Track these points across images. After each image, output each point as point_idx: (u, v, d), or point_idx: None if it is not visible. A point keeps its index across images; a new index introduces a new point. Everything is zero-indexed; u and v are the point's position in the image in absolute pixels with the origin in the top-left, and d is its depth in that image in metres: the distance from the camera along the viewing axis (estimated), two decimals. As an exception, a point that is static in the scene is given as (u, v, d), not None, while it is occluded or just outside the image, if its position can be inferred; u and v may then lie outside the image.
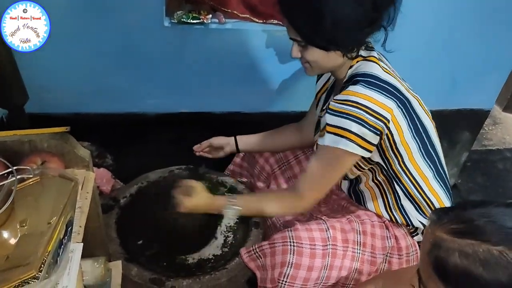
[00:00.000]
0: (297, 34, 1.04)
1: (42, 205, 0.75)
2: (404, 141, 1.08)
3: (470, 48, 1.62)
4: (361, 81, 1.03)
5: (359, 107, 1.00)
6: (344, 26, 0.99)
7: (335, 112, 1.03)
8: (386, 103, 1.02)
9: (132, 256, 1.26)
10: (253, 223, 1.40)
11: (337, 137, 1.03)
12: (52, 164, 0.87)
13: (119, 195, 1.44)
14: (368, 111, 1.00)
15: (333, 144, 1.03)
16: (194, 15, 1.39)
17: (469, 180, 2.12)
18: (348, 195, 1.27)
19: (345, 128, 1.01)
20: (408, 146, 1.09)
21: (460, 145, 1.92)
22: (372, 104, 1.00)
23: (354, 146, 1.02)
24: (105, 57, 1.42)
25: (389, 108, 1.02)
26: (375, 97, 1.01)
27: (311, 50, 1.05)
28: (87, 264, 0.99)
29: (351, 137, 1.01)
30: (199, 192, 1.20)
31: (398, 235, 1.18)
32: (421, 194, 1.15)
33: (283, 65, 1.54)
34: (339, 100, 1.03)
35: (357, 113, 1.00)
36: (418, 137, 1.11)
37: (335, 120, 1.02)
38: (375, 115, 1.00)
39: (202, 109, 1.60)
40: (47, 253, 0.67)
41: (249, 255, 1.18)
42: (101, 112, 1.54)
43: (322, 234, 1.11)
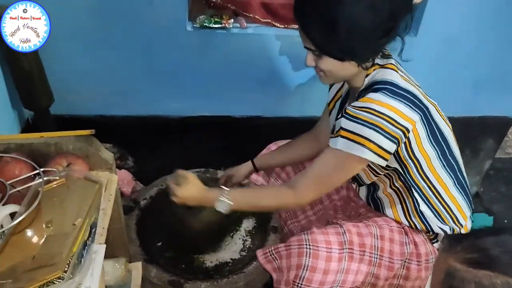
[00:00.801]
0: (311, 43, 1.02)
1: (67, 207, 0.77)
2: (422, 149, 1.06)
3: (494, 54, 1.59)
4: (382, 89, 1.01)
5: (380, 116, 0.98)
6: (360, 36, 0.97)
7: (352, 117, 1.01)
8: (410, 115, 1.00)
9: (152, 258, 1.27)
10: (271, 228, 1.40)
11: (352, 143, 1.01)
12: (77, 166, 0.89)
13: (140, 197, 1.46)
14: (390, 120, 0.98)
15: (346, 149, 1.02)
16: (216, 19, 1.40)
17: (492, 188, 2.07)
18: (366, 202, 1.26)
19: (362, 135, 0.99)
20: (426, 153, 1.08)
21: (483, 153, 1.88)
22: (395, 115, 0.98)
23: (370, 153, 1.00)
24: (129, 60, 1.44)
25: (413, 120, 1.01)
26: (398, 108, 0.99)
27: (325, 60, 1.03)
28: (108, 264, 1.01)
29: (368, 145, 1.00)
30: (192, 182, 1.15)
31: (418, 241, 1.16)
32: (440, 201, 1.14)
33: (303, 69, 1.54)
34: (358, 107, 1.01)
35: (377, 121, 0.98)
36: (436, 145, 1.09)
37: (352, 126, 1.01)
38: (396, 125, 0.99)
39: (223, 112, 1.61)
40: (72, 254, 0.68)
41: (265, 257, 1.18)
42: (124, 115, 1.56)
43: (338, 237, 1.10)
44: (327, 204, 1.37)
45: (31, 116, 1.48)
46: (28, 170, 0.84)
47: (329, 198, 1.37)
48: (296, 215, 1.41)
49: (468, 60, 1.59)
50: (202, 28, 1.40)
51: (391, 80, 1.03)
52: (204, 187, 1.16)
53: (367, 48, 1.01)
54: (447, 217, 1.15)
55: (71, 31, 1.34)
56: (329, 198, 1.37)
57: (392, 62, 1.09)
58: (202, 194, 1.15)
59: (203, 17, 1.40)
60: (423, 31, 1.47)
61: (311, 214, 1.39)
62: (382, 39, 1.01)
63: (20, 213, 0.71)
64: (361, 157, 1.01)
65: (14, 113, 1.40)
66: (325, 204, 1.37)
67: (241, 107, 1.61)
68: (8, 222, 0.72)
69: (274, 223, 1.42)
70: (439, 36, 1.50)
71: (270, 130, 1.55)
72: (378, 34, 0.99)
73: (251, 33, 1.44)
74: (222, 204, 1.12)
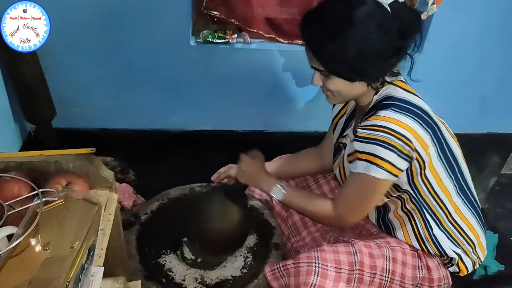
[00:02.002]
0: (319, 63, 1.00)
1: (65, 229, 0.76)
2: (432, 168, 1.05)
3: (499, 71, 1.59)
4: (392, 105, 1.00)
5: (389, 132, 0.96)
6: (370, 55, 0.96)
7: (364, 139, 1.00)
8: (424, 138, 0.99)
9: (152, 274, 1.26)
10: (273, 244, 1.38)
11: (368, 163, 1.00)
12: (77, 186, 0.88)
13: (140, 211, 1.45)
14: (398, 136, 0.96)
15: (365, 171, 1.01)
16: (219, 34, 1.40)
17: (497, 205, 2.05)
18: (377, 225, 1.23)
19: (375, 154, 0.98)
20: (436, 172, 1.06)
21: (489, 169, 1.87)
22: (410, 135, 0.97)
23: (384, 172, 0.99)
24: (131, 74, 1.44)
25: (426, 144, 0.99)
26: (413, 127, 0.97)
27: (334, 80, 1.01)
28: (107, 284, 0.99)
29: (382, 164, 0.98)
30: (258, 162, 1.25)
31: (431, 266, 1.13)
32: (452, 222, 1.11)
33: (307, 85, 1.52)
34: (368, 126, 1.00)
35: (388, 139, 0.96)
36: (447, 162, 1.07)
37: (366, 147, 0.99)
38: (404, 140, 0.97)
39: (225, 127, 1.61)
40: (69, 279, 0.67)
41: (272, 273, 1.15)
42: (126, 128, 1.56)
43: (349, 257, 1.08)
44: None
45: (33, 129, 1.48)
46: (27, 189, 0.83)
47: None
48: (299, 231, 1.40)
49: (473, 77, 1.58)
50: (205, 43, 1.40)
51: (401, 96, 1.02)
52: (267, 172, 1.25)
53: (377, 67, 1.00)
54: (459, 238, 1.13)
55: (74, 45, 1.35)
56: None
57: (401, 78, 1.08)
58: (263, 175, 1.24)
59: (207, 32, 1.40)
60: (428, 48, 1.47)
61: (314, 230, 1.37)
62: (392, 58, 1.00)
63: (17, 235, 0.70)
64: (375, 177, 1.00)
65: (17, 126, 1.40)
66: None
67: (243, 121, 1.61)
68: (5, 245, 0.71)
69: (276, 240, 1.40)
70: (444, 53, 1.50)
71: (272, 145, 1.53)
72: (388, 54, 0.98)
73: (254, 48, 1.44)
74: (277, 191, 1.18)
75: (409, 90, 1.05)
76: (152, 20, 1.33)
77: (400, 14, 0.96)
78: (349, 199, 1.10)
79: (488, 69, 1.57)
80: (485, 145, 1.78)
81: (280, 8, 1.45)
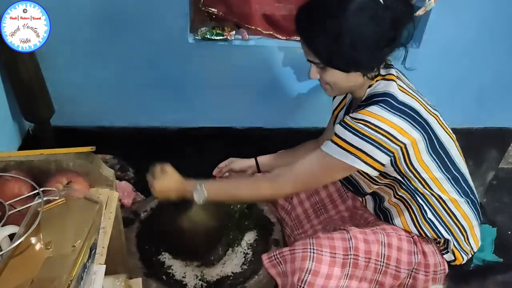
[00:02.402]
0: (315, 57, 1.02)
1: (67, 227, 0.76)
2: (421, 161, 1.06)
3: (497, 65, 1.58)
4: (380, 101, 1.02)
5: (378, 130, 0.98)
6: (364, 46, 0.98)
7: (349, 127, 1.01)
8: (411, 133, 1.00)
9: (152, 271, 1.26)
10: (273, 240, 1.39)
11: (345, 151, 1.01)
12: (77, 184, 0.88)
13: (140, 209, 1.45)
14: (388, 136, 0.99)
15: (338, 156, 1.02)
16: (218, 31, 1.40)
17: (495, 199, 2.06)
18: (374, 214, 1.25)
19: (358, 147, 1.00)
20: (426, 165, 1.07)
21: (486, 164, 1.87)
22: (395, 131, 0.99)
23: (361, 163, 1.01)
24: (129, 72, 1.44)
25: (412, 137, 1.01)
26: (399, 125, 0.99)
27: (330, 72, 1.04)
28: (108, 282, 0.99)
29: (362, 157, 1.00)
30: (169, 174, 1.17)
31: (427, 252, 1.15)
32: (445, 208, 1.13)
33: (305, 81, 1.53)
34: (356, 119, 1.01)
35: (375, 136, 0.98)
36: (437, 157, 1.09)
37: (347, 135, 1.01)
38: (394, 141, 0.99)
39: (224, 124, 1.61)
40: (72, 278, 0.67)
41: (269, 261, 1.17)
42: (124, 126, 1.55)
43: (344, 243, 1.09)
44: (334, 215, 1.36)
45: (31, 127, 1.47)
46: (27, 188, 0.83)
47: (335, 209, 1.37)
48: (301, 224, 1.40)
49: (471, 71, 1.58)
50: (203, 40, 1.39)
51: (390, 92, 1.04)
52: (181, 179, 1.18)
53: (371, 58, 1.02)
54: (452, 225, 1.14)
55: (72, 43, 1.34)
56: (335, 209, 1.37)
57: (393, 72, 1.09)
58: (179, 185, 1.17)
59: (205, 29, 1.39)
60: (426, 42, 1.47)
61: (316, 223, 1.38)
62: (385, 49, 1.02)
63: (19, 235, 0.70)
64: (351, 165, 1.02)
65: (15, 125, 1.40)
66: (331, 214, 1.36)
67: (242, 118, 1.60)
68: (7, 244, 0.71)
69: (275, 236, 1.41)
70: (442, 47, 1.50)
71: (272, 141, 1.54)
72: (381, 44, 1.00)
73: (253, 45, 1.43)
74: (198, 194, 1.14)
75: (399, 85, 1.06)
76: (150, 17, 1.33)
77: (392, 5, 0.97)
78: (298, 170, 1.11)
79: (486, 63, 1.57)
80: (482, 139, 1.79)
81: (278, 5, 1.45)
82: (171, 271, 1.33)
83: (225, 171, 1.41)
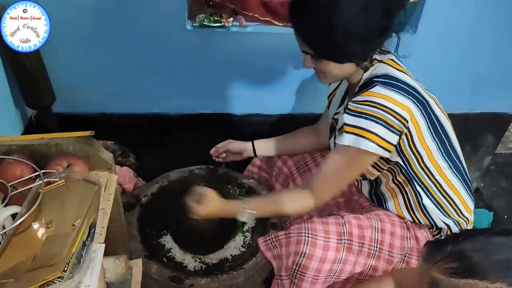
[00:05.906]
0: (309, 48, 1.04)
1: (67, 208, 0.79)
2: (423, 141, 1.08)
3: (493, 51, 1.59)
4: (379, 82, 1.03)
5: (379, 107, 1.00)
6: (357, 38, 0.99)
7: (354, 112, 1.03)
8: (403, 102, 1.01)
9: (153, 254, 1.29)
10: (270, 224, 1.41)
11: (357, 136, 1.02)
12: (77, 167, 0.91)
13: (141, 194, 1.48)
14: (388, 111, 1.00)
15: (353, 144, 1.03)
16: (215, 18, 1.41)
17: (493, 184, 2.08)
18: (369, 197, 1.27)
19: (365, 128, 1.01)
20: (427, 146, 1.09)
21: (483, 149, 1.88)
22: (391, 104, 1.00)
23: (374, 146, 1.02)
24: (129, 59, 1.46)
25: (406, 107, 1.02)
26: (393, 97, 1.01)
27: (324, 62, 1.05)
28: (109, 262, 1.03)
29: (372, 137, 1.01)
30: (212, 199, 1.17)
31: (420, 237, 1.17)
32: (443, 193, 1.15)
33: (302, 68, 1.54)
34: (358, 101, 1.03)
35: (377, 113, 1.00)
36: (437, 137, 1.10)
37: (355, 120, 1.02)
38: (394, 115, 1.00)
39: (223, 110, 1.63)
40: (71, 254, 0.70)
41: (265, 244, 1.20)
42: (125, 113, 1.58)
43: (338, 228, 1.12)
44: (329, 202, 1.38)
45: (33, 114, 1.50)
46: (29, 171, 0.86)
47: None
48: None
49: (467, 57, 1.59)
50: (201, 27, 1.41)
51: (390, 73, 1.05)
52: (223, 201, 1.19)
53: (364, 48, 1.03)
54: (450, 210, 1.16)
55: (72, 30, 1.36)
56: None
57: (391, 57, 1.10)
58: (223, 208, 1.18)
59: (203, 16, 1.40)
60: (422, 28, 1.47)
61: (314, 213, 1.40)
62: (378, 38, 1.03)
63: (21, 214, 0.73)
64: (365, 150, 1.03)
65: (17, 112, 1.42)
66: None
67: (241, 104, 1.62)
68: (10, 223, 0.74)
69: (274, 220, 1.43)
70: (438, 33, 1.50)
71: (269, 127, 1.56)
72: (374, 34, 1.01)
73: (250, 32, 1.44)
74: (245, 214, 1.15)
75: (397, 68, 1.07)
76: (149, 5, 1.34)
77: None
78: (329, 172, 1.12)
79: (482, 49, 1.57)
80: (479, 125, 1.79)
81: (275, -9, 1.45)
82: (171, 254, 1.36)
83: (222, 151, 1.44)
